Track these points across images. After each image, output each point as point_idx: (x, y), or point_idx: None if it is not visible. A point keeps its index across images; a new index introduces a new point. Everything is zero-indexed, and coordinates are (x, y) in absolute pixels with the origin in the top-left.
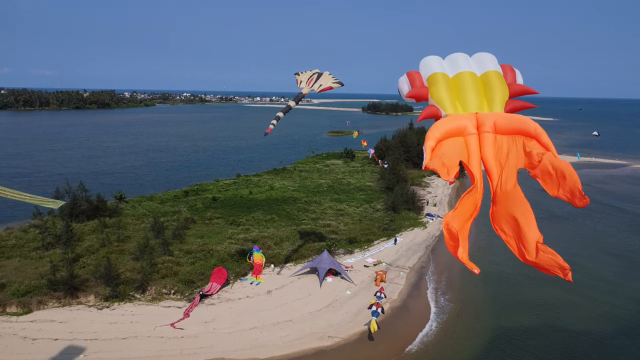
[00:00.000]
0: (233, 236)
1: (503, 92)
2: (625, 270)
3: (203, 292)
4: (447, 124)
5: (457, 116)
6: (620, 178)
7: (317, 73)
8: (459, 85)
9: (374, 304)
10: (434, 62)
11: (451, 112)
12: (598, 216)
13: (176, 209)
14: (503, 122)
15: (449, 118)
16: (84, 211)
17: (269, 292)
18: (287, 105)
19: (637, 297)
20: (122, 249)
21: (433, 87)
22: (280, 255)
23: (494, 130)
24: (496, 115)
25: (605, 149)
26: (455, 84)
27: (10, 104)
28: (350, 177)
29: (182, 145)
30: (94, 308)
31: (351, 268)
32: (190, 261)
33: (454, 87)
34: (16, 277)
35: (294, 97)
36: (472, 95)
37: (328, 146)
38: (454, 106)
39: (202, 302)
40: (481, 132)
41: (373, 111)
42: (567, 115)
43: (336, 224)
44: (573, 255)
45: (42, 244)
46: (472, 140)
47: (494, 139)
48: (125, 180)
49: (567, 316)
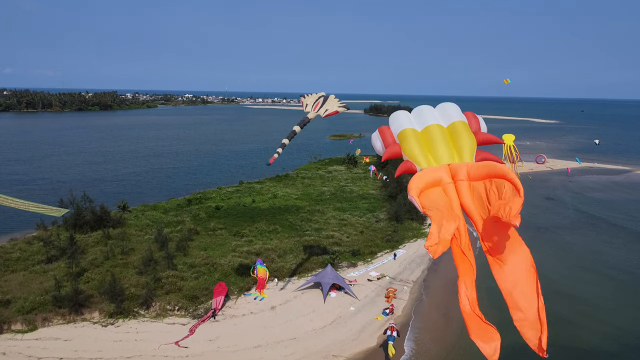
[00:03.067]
0: (237, 249)
1: (471, 141)
2: (626, 288)
3: (216, 312)
4: (424, 177)
5: (431, 169)
6: (622, 185)
7: (323, 97)
8: (428, 139)
9: (389, 328)
10: (402, 117)
11: (425, 165)
12: (597, 229)
13: (179, 219)
14: (475, 170)
15: (425, 171)
16: (87, 222)
17: (273, 308)
18: (292, 130)
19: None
20: (126, 262)
21: (404, 143)
22: (284, 269)
23: (467, 178)
24: (468, 164)
25: (608, 154)
26: (425, 138)
27: (12, 106)
28: (352, 185)
29: (184, 149)
30: (99, 325)
31: (354, 282)
32: (194, 275)
33: (424, 141)
34: (21, 293)
35: (299, 122)
36: (443, 147)
37: (330, 151)
38: (427, 159)
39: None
40: (456, 181)
41: (375, 113)
42: (569, 118)
43: (339, 234)
44: (571, 271)
45: (46, 257)
46: (449, 188)
47: (469, 186)
48: (127, 187)
49: (567, 336)
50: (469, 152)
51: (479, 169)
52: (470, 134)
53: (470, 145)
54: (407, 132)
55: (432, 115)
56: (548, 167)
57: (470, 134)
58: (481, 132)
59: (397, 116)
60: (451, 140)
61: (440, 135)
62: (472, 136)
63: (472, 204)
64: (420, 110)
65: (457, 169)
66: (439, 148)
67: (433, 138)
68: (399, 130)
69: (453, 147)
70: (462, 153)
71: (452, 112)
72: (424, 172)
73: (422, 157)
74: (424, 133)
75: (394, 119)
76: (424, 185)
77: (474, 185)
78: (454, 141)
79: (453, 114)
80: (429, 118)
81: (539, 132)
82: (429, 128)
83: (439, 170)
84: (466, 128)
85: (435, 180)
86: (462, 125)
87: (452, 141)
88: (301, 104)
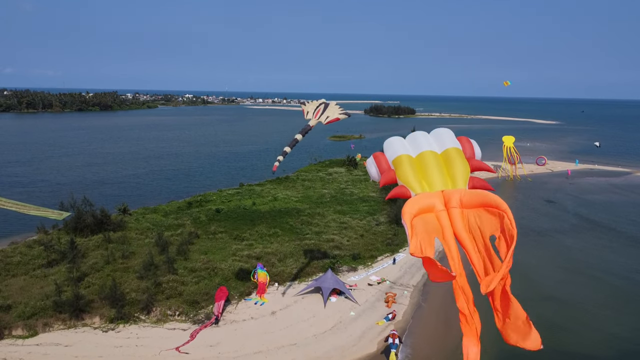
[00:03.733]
0: (237, 252)
1: (464, 168)
2: (623, 294)
3: (218, 317)
4: (418, 203)
5: (425, 195)
6: (622, 187)
7: (324, 103)
8: (422, 165)
9: (390, 335)
10: (397, 144)
11: (419, 191)
12: (596, 233)
13: (180, 222)
14: (468, 198)
15: (419, 197)
16: (88, 225)
17: (274, 313)
18: (294, 139)
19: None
20: (126, 266)
21: (399, 169)
22: (284, 273)
23: (460, 205)
24: (461, 191)
25: (608, 156)
26: (419, 164)
27: (13, 106)
28: (353, 187)
29: (185, 151)
30: (99, 330)
31: (355, 287)
32: (195, 280)
33: (418, 167)
34: (22, 298)
35: (301, 130)
36: (436, 173)
37: (331, 152)
38: (421, 185)
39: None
40: (449, 208)
41: (375, 113)
42: (569, 118)
43: (339, 238)
44: (566, 275)
45: (46, 261)
46: (442, 215)
47: (462, 213)
48: (128, 190)
49: (564, 342)
50: (463, 179)
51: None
52: (463, 160)
53: (463, 172)
54: (402, 159)
55: (426, 141)
56: (548, 169)
57: (464, 161)
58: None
59: (392, 143)
60: (445, 167)
61: (434, 161)
62: (466, 163)
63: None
64: (414, 136)
65: (450, 195)
66: (433, 175)
67: (427, 164)
68: (393, 157)
69: (447, 174)
70: (455, 180)
71: (446, 138)
72: (418, 198)
73: (416, 184)
74: (418, 159)
75: (389, 145)
76: (417, 211)
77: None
78: (448, 168)
79: (447, 140)
80: (423, 144)
81: (539, 133)
82: (423, 154)
83: (432, 197)
84: (460, 155)
85: (429, 206)
86: (456, 152)
87: (445, 168)
88: (302, 111)
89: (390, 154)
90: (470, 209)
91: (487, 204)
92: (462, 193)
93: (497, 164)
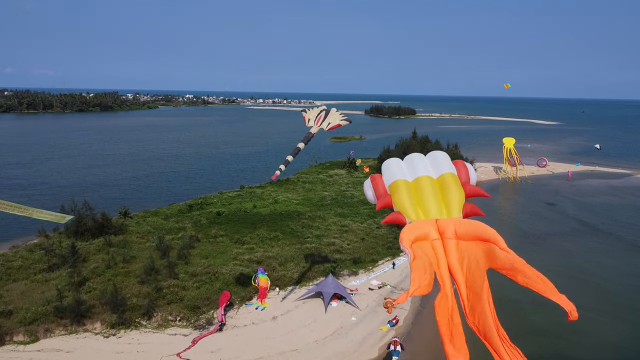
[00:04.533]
0: (238, 257)
1: (459, 195)
2: (624, 300)
3: (223, 323)
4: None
5: (420, 223)
6: (623, 189)
7: (325, 110)
8: (419, 190)
9: (392, 342)
10: (394, 167)
11: (414, 218)
12: (597, 237)
13: (181, 225)
14: (463, 230)
15: (413, 225)
16: (89, 229)
17: (275, 318)
18: (297, 147)
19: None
20: (127, 270)
21: (395, 195)
22: (285, 278)
23: (455, 236)
24: (456, 222)
25: (609, 157)
26: (415, 189)
27: (13, 107)
28: (353, 189)
29: (185, 152)
30: (101, 336)
31: (356, 291)
32: (196, 285)
33: (415, 193)
34: (23, 303)
35: (303, 138)
36: (432, 200)
37: (331, 153)
38: (416, 213)
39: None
40: (444, 239)
41: (376, 114)
42: (570, 119)
43: (340, 242)
44: (575, 280)
45: (47, 265)
46: (437, 245)
47: (457, 245)
48: (128, 192)
49: (562, 348)
50: (457, 207)
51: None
52: (458, 186)
53: (458, 199)
54: (399, 184)
55: (423, 165)
56: (549, 171)
57: (459, 187)
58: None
59: (389, 165)
60: (440, 193)
61: (430, 188)
62: (461, 189)
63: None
64: (411, 158)
65: (445, 226)
66: (429, 202)
67: (423, 190)
68: (390, 181)
69: (442, 201)
70: (450, 207)
71: (442, 162)
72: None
73: (411, 210)
74: (415, 184)
75: (386, 167)
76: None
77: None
78: (443, 194)
79: (443, 165)
80: (419, 169)
81: (540, 134)
82: (419, 180)
83: (427, 225)
84: (455, 180)
85: (424, 234)
86: (452, 178)
87: (441, 194)
88: (303, 119)
89: (388, 178)
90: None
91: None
92: (457, 223)
93: (498, 165)
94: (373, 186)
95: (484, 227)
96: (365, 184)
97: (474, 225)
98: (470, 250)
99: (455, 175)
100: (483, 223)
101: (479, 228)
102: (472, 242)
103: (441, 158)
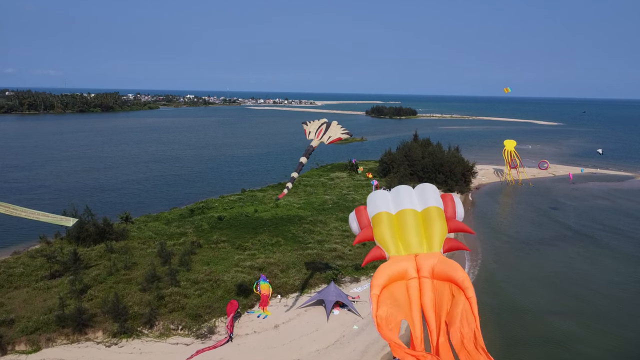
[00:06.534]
0: (240, 263)
1: (442, 230)
2: (635, 303)
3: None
4: (390, 269)
5: (398, 259)
6: (625, 192)
7: (326, 123)
8: (401, 224)
9: None
10: (379, 199)
11: (394, 253)
12: (598, 242)
13: (182, 230)
14: (439, 269)
15: (391, 261)
16: (90, 235)
17: (277, 327)
18: (300, 162)
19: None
20: (129, 277)
21: (377, 228)
22: (287, 285)
23: (431, 275)
24: (434, 258)
25: (610, 159)
26: (398, 222)
27: (15, 108)
28: (355, 193)
29: (186, 154)
30: (102, 345)
31: (357, 299)
32: (197, 293)
33: (397, 226)
34: (25, 312)
35: (305, 153)
36: (413, 234)
37: (332, 155)
38: (396, 247)
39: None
40: (420, 277)
41: (377, 115)
42: (571, 119)
43: (342, 247)
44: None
45: (49, 272)
46: (412, 285)
47: (432, 285)
48: (128, 196)
49: (576, 354)
50: (439, 241)
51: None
52: (442, 221)
53: (440, 234)
54: (382, 216)
55: (409, 197)
56: (550, 173)
57: (443, 222)
58: (455, 219)
59: (374, 198)
60: (423, 227)
61: (413, 220)
62: (444, 224)
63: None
64: (398, 190)
65: (423, 262)
66: (410, 235)
67: (405, 223)
68: (374, 213)
69: (424, 235)
70: (431, 242)
71: (429, 195)
72: (390, 263)
73: (392, 244)
74: (398, 216)
75: (371, 200)
76: (387, 281)
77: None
78: (426, 228)
79: (430, 198)
80: (405, 201)
81: (541, 135)
82: (403, 212)
83: (405, 261)
84: (440, 215)
85: (401, 273)
86: (436, 212)
87: (423, 228)
88: (304, 131)
89: (372, 210)
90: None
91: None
92: (434, 261)
93: (499, 168)
94: (357, 218)
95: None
96: (350, 216)
97: (449, 265)
98: (441, 289)
99: (441, 209)
100: (458, 265)
101: (452, 269)
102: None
103: (429, 191)
